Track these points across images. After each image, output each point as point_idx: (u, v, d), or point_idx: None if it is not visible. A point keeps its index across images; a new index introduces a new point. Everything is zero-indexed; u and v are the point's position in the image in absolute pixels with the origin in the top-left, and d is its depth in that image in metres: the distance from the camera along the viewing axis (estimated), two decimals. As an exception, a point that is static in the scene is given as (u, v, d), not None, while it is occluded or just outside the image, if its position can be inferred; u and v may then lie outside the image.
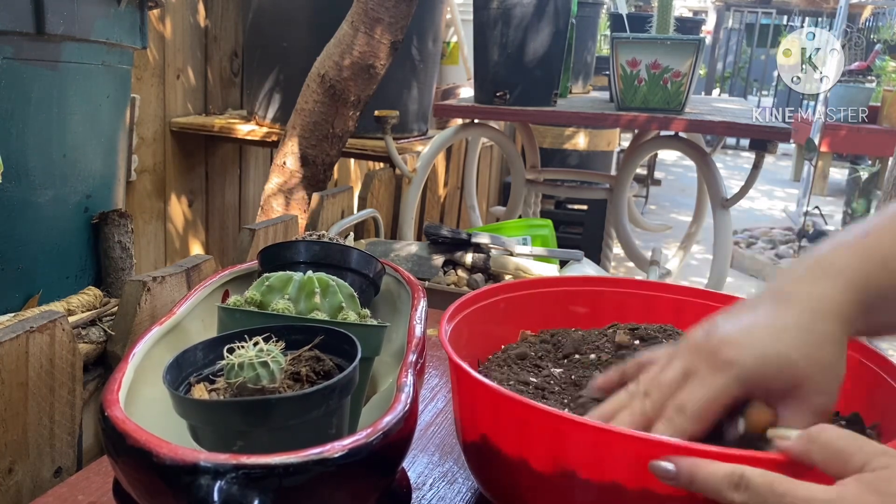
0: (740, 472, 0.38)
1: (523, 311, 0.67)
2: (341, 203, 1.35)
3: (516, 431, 0.47)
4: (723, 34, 8.12)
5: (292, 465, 0.36)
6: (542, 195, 2.46)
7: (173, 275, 0.83)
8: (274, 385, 0.42)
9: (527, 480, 0.47)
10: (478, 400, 0.51)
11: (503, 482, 0.51)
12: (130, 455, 0.38)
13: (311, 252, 0.63)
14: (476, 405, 0.51)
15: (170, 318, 0.55)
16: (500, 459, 0.48)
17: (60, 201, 0.95)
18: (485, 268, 1.22)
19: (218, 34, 1.77)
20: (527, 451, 0.46)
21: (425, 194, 1.99)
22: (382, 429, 0.40)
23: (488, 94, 1.62)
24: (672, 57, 1.50)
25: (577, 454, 0.44)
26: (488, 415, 0.50)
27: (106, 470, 0.57)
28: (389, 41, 1.24)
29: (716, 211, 1.58)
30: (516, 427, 0.47)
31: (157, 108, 1.59)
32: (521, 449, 0.47)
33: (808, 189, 4.19)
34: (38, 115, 0.89)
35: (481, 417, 0.50)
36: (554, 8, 1.54)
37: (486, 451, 0.50)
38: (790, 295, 0.45)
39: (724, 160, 6.84)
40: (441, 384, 0.77)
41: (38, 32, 0.85)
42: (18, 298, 0.92)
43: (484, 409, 0.50)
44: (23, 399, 0.64)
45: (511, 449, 0.47)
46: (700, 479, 0.39)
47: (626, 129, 3.09)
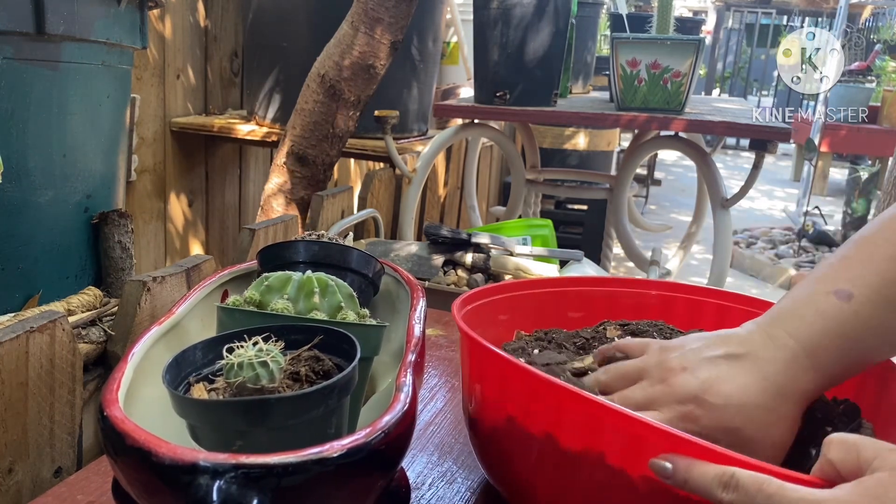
0: (731, 472, 0.39)
1: (522, 311, 0.67)
2: (341, 203, 1.35)
3: (545, 412, 0.47)
4: (723, 34, 8.12)
5: (291, 464, 0.36)
6: (542, 195, 2.46)
7: (173, 275, 0.83)
8: (273, 385, 0.42)
9: (551, 465, 0.47)
10: (508, 379, 0.50)
11: (512, 466, 0.51)
12: (129, 455, 0.38)
13: (311, 252, 0.63)
14: (505, 385, 0.51)
15: (169, 317, 0.55)
16: (511, 440, 0.49)
17: (60, 201, 0.95)
18: (485, 268, 1.22)
19: (218, 34, 1.77)
20: (556, 431, 0.46)
21: (425, 194, 1.99)
22: (381, 428, 0.40)
23: (488, 94, 1.62)
24: (672, 57, 1.50)
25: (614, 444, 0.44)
26: (514, 393, 0.49)
27: (105, 470, 0.57)
28: (389, 41, 1.24)
29: (716, 211, 1.58)
30: (545, 408, 0.47)
31: (157, 108, 1.59)
32: (551, 431, 0.47)
33: (808, 189, 4.19)
34: (38, 115, 0.89)
35: (508, 396, 0.50)
36: (554, 8, 1.54)
37: (499, 437, 0.50)
38: (766, 365, 0.47)
39: (724, 160, 6.84)
40: (440, 384, 0.77)
41: (38, 32, 0.85)
42: (18, 298, 0.92)
43: (511, 388, 0.50)
44: (23, 399, 0.64)
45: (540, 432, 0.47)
46: (693, 478, 0.40)
47: (626, 129, 3.09)
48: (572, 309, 0.69)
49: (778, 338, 0.48)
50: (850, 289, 0.47)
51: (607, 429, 0.44)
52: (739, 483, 0.38)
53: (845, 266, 0.48)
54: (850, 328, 0.46)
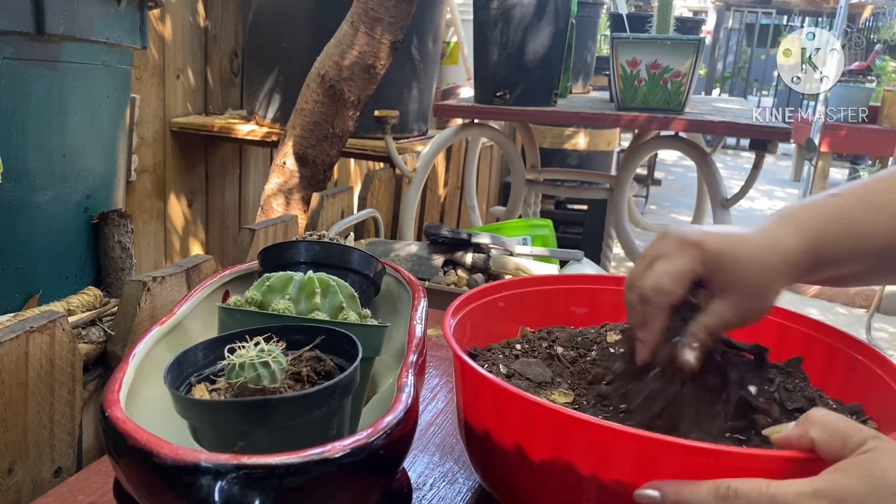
0: (726, 484, 0.39)
1: (523, 309, 0.67)
2: (341, 203, 1.35)
3: (517, 425, 0.47)
4: (723, 34, 8.12)
5: (293, 465, 0.36)
6: (542, 195, 2.46)
7: (173, 275, 0.83)
8: (275, 385, 0.42)
9: (527, 473, 0.47)
10: (480, 393, 0.51)
11: (504, 475, 0.51)
12: (131, 455, 0.38)
13: (312, 252, 0.63)
14: (478, 399, 0.51)
15: (170, 318, 0.55)
16: (500, 453, 0.49)
17: (60, 201, 0.95)
18: (485, 268, 1.22)
19: (218, 34, 1.77)
20: (527, 444, 0.47)
21: (425, 194, 1.99)
22: (383, 429, 0.40)
23: (488, 94, 1.62)
24: (672, 57, 1.50)
25: (579, 450, 0.44)
26: (488, 408, 0.50)
27: (106, 470, 0.57)
28: (389, 41, 1.24)
29: (716, 211, 1.58)
30: (518, 421, 0.47)
31: (157, 108, 1.59)
32: (522, 442, 0.47)
33: (808, 189, 4.19)
34: (38, 115, 0.89)
35: (482, 410, 0.51)
36: (554, 8, 1.54)
37: (487, 444, 0.50)
38: (757, 228, 0.51)
39: (724, 160, 6.84)
40: (441, 384, 0.77)
41: (38, 32, 0.85)
42: (18, 298, 0.92)
43: (485, 403, 0.50)
44: (23, 399, 0.64)
45: (511, 442, 0.48)
46: (685, 499, 0.40)
47: (626, 129, 3.09)
48: (577, 305, 0.69)
49: (766, 220, 0.52)
50: (839, 191, 0.52)
51: (575, 436, 0.44)
52: (739, 492, 0.38)
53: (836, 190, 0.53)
54: (833, 205, 0.51)
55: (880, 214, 0.50)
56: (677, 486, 0.40)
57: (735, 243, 0.49)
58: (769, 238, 0.50)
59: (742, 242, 0.49)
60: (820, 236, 0.50)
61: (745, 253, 0.49)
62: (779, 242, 0.49)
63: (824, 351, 0.60)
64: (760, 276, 0.49)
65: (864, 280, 0.54)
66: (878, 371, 0.54)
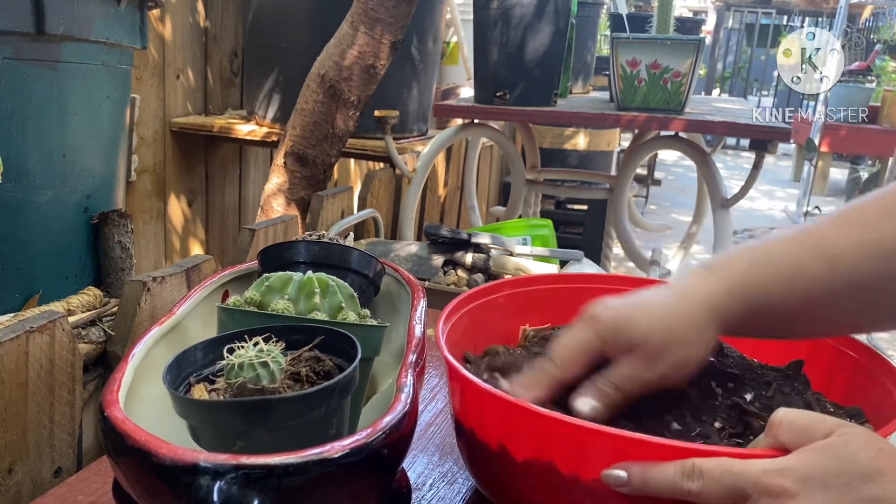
0: (691, 462, 0.40)
1: (524, 309, 0.67)
2: (341, 203, 1.35)
3: (502, 429, 0.48)
4: (723, 34, 8.12)
5: (292, 465, 0.36)
6: (542, 195, 2.46)
7: (173, 275, 0.83)
8: (274, 385, 0.42)
9: (516, 478, 0.48)
10: (465, 395, 0.52)
11: (496, 479, 0.51)
12: (130, 455, 0.38)
13: (311, 252, 0.63)
14: (464, 400, 0.52)
15: (170, 318, 0.55)
16: (491, 457, 0.49)
17: (60, 201, 0.95)
18: (485, 268, 1.22)
19: (218, 34, 1.77)
20: (512, 448, 0.47)
21: (425, 194, 1.99)
22: (382, 429, 0.40)
23: (488, 94, 1.62)
24: (672, 57, 1.50)
25: (561, 451, 0.45)
26: (475, 413, 0.50)
27: (106, 470, 0.57)
28: (389, 41, 1.24)
29: (716, 211, 1.58)
30: (502, 424, 0.48)
31: (157, 108, 1.59)
32: (508, 446, 0.47)
33: (808, 189, 4.19)
34: (38, 115, 0.89)
35: (469, 412, 0.51)
36: (554, 8, 1.54)
37: (478, 449, 0.50)
38: (672, 284, 0.51)
39: (724, 160, 6.84)
40: (441, 384, 0.77)
41: (38, 32, 0.85)
42: (18, 298, 0.92)
43: (472, 408, 0.51)
44: (23, 399, 0.64)
45: (499, 446, 0.48)
46: (651, 478, 0.40)
47: (626, 129, 3.09)
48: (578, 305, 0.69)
49: (693, 269, 0.51)
50: (774, 237, 0.51)
51: (554, 436, 0.45)
52: (703, 470, 0.39)
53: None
54: (759, 248, 0.50)
55: (811, 253, 0.48)
56: (643, 467, 0.41)
57: (634, 308, 0.48)
58: (678, 291, 0.49)
59: (644, 306, 0.48)
60: (744, 278, 0.48)
61: (645, 315, 0.48)
62: (693, 293, 0.48)
63: (829, 354, 0.60)
64: (666, 331, 0.47)
65: (821, 328, 0.53)
66: (877, 373, 0.54)
